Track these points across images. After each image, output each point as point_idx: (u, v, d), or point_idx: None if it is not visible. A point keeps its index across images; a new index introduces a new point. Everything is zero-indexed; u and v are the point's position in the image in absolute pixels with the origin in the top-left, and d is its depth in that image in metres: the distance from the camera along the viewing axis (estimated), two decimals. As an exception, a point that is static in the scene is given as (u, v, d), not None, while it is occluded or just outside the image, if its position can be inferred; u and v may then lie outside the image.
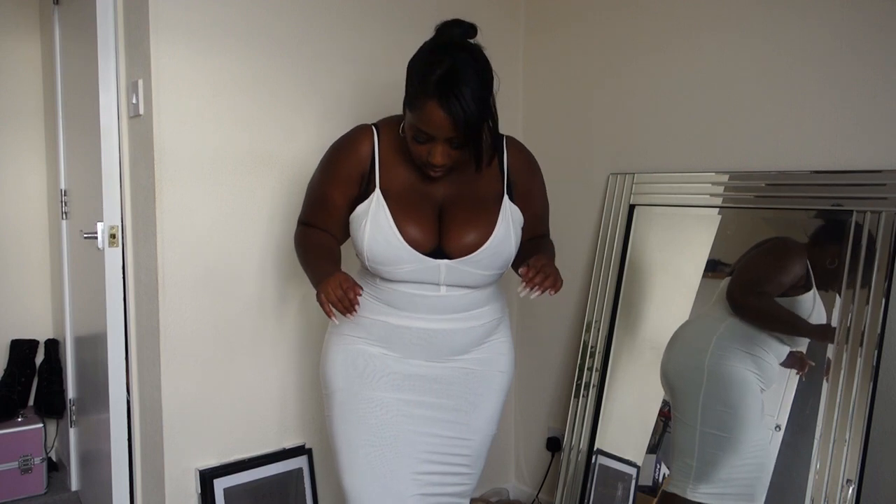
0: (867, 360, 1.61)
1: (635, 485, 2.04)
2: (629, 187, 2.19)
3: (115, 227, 2.02)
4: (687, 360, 1.94)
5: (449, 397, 1.54)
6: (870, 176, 1.67)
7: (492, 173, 1.51)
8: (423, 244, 1.42)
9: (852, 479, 1.59)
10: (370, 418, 1.50)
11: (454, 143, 1.37)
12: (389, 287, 1.48)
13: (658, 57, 2.13)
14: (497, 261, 1.47)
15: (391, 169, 1.47)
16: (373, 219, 1.42)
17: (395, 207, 1.43)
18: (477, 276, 1.47)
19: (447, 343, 1.51)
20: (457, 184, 1.48)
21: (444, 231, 1.44)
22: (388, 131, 1.50)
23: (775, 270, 1.82)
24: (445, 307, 1.48)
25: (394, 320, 1.49)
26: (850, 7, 1.71)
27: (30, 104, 2.87)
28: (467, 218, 1.45)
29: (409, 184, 1.47)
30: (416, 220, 1.43)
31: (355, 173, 1.48)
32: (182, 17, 1.82)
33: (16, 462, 2.55)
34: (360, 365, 1.51)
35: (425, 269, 1.43)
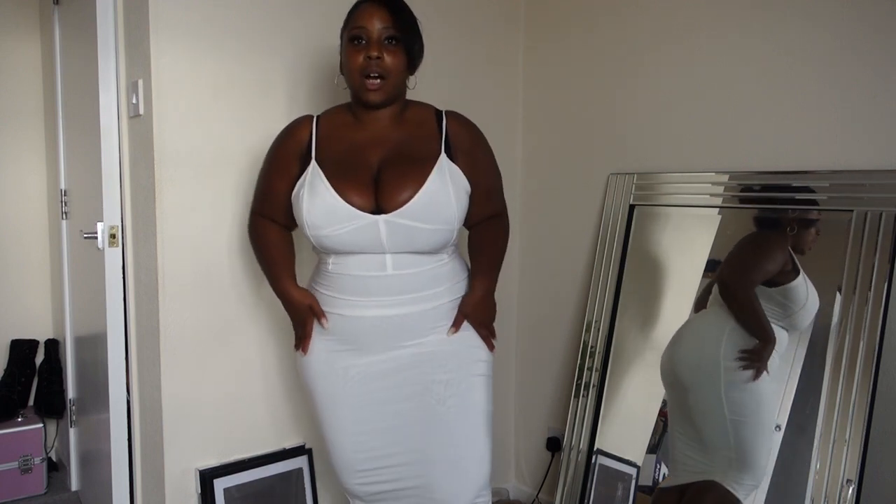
0: (867, 360, 1.61)
1: (635, 485, 2.04)
2: (629, 187, 2.19)
3: (115, 227, 2.02)
4: (700, 354, 1.93)
5: (414, 384, 1.53)
6: (870, 176, 1.67)
7: (428, 136, 1.51)
8: (361, 205, 1.43)
9: (852, 479, 1.59)
10: (340, 422, 1.56)
11: (389, 40, 1.44)
12: (338, 271, 1.49)
13: (658, 57, 2.13)
14: (436, 214, 1.44)
15: (331, 143, 1.51)
16: (309, 186, 1.45)
17: (331, 173, 1.45)
18: (420, 233, 1.44)
19: (401, 328, 1.50)
20: (392, 149, 1.49)
21: (380, 192, 1.44)
22: (330, 113, 1.57)
23: (761, 258, 1.86)
24: (395, 288, 1.47)
25: (347, 311, 1.50)
26: (850, 7, 1.71)
27: (30, 104, 2.87)
28: (401, 175, 1.45)
29: (343, 152, 1.49)
30: (352, 183, 1.44)
31: (293, 157, 1.52)
32: (182, 17, 1.82)
33: (16, 462, 2.55)
34: (326, 369, 1.55)
35: (365, 230, 1.42)
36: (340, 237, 1.44)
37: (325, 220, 1.43)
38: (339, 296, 1.50)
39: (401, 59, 1.46)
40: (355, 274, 1.47)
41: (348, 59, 1.46)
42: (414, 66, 1.53)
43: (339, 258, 1.49)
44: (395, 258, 1.46)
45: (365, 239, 1.43)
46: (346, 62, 1.48)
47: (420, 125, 1.53)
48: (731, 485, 1.82)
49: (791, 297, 1.77)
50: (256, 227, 1.65)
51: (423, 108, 1.57)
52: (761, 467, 1.78)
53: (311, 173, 1.47)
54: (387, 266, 1.46)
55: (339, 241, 1.45)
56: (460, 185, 1.48)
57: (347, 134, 1.52)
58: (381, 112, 1.51)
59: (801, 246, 1.78)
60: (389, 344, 1.51)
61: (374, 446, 1.55)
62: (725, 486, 1.83)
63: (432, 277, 1.51)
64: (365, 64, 1.43)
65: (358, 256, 1.46)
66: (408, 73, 1.52)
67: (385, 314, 1.48)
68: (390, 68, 1.44)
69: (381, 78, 1.44)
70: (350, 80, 1.49)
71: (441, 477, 1.53)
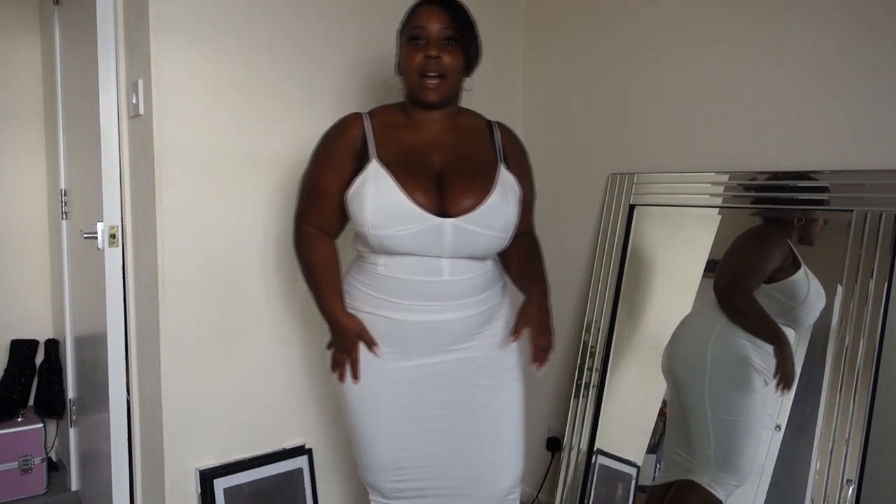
0: (867, 360, 1.61)
1: (635, 485, 2.04)
2: (629, 187, 2.19)
3: (115, 227, 2.02)
4: (690, 349, 1.94)
5: (458, 390, 1.54)
6: (870, 176, 1.67)
7: (486, 144, 1.55)
8: (427, 207, 1.42)
9: (852, 479, 1.59)
10: (381, 424, 1.55)
11: (447, 41, 1.45)
12: (389, 273, 1.47)
13: (658, 57, 2.13)
14: (499, 221, 1.47)
15: (386, 142, 1.49)
16: (374, 185, 1.43)
17: (396, 172, 1.44)
18: (482, 239, 1.46)
19: (448, 333, 1.51)
20: (453, 153, 1.50)
21: (445, 195, 1.44)
22: (380, 112, 1.56)
23: (757, 259, 1.84)
24: (448, 293, 1.47)
25: (394, 314, 1.48)
26: (850, 8, 1.71)
27: (30, 104, 2.87)
28: (467, 181, 1.47)
29: (406, 154, 1.48)
30: (418, 184, 1.43)
31: (347, 155, 1.49)
32: (182, 17, 1.82)
33: (16, 462, 2.55)
34: (368, 370, 1.53)
35: (430, 232, 1.42)
36: (404, 238, 1.42)
37: (390, 220, 1.42)
38: (388, 298, 1.48)
39: (458, 59, 1.47)
40: (408, 278, 1.46)
41: (407, 58, 1.47)
42: (471, 68, 1.54)
43: (391, 259, 1.47)
44: (451, 263, 1.46)
45: (427, 241, 1.43)
46: (405, 62, 1.49)
47: (475, 132, 1.56)
48: (711, 485, 1.83)
49: (791, 292, 1.76)
50: (303, 240, 1.59)
51: (475, 116, 1.61)
52: (745, 467, 1.79)
53: (373, 171, 1.44)
54: (443, 271, 1.46)
55: (402, 243, 1.43)
56: (516, 194, 1.52)
57: (403, 134, 1.51)
58: (436, 113, 1.52)
59: (809, 237, 1.76)
60: (436, 348, 1.51)
61: (415, 446, 1.56)
62: (704, 485, 1.84)
63: (480, 283, 1.52)
64: (423, 63, 1.44)
65: (413, 259, 1.45)
66: (464, 74, 1.53)
67: (434, 319, 1.48)
68: (448, 68, 1.45)
69: (439, 77, 1.45)
70: (408, 80, 1.50)
71: (478, 476, 1.57)
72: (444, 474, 1.57)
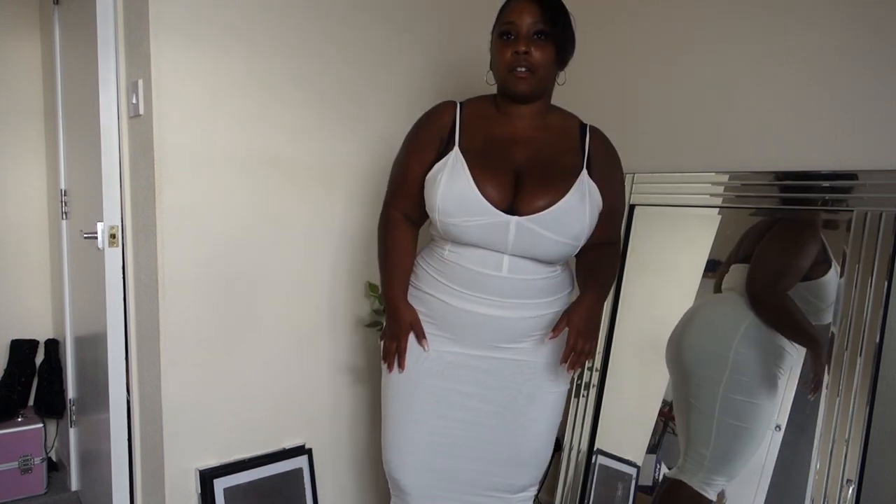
0: (867, 360, 1.61)
1: (635, 485, 2.04)
2: (629, 187, 2.19)
3: (115, 227, 2.02)
4: (709, 347, 1.88)
5: (500, 390, 1.55)
6: (870, 176, 1.67)
7: (573, 147, 1.54)
8: (497, 202, 1.43)
9: (852, 479, 1.59)
10: (421, 403, 1.56)
11: (538, 35, 1.45)
12: (455, 260, 1.50)
13: (658, 57, 2.13)
14: (567, 227, 1.46)
15: (472, 131, 1.51)
16: (449, 171, 1.45)
17: (473, 163, 1.46)
18: (546, 243, 1.45)
19: (500, 330, 1.51)
20: (536, 151, 1.50)
21: (518, 193, 1.45)
22: (473, 102, 1.57)
23: (794, 257, 1.77)
24: (505, 290, 1.48)
25: (453, 301, 1.51)
26: (850, 8, 1.71)
27: (30, 104, 2.87)
28: (543, 181, 1.46)
29: (488, 145, 1.50)
30: (492, 178, 1.44)
31: (434, 139, 1.52)
32: (182, 17, 1.82)
33: (16, 462, 2.55)
34: (417, 347, 1.56)
35: (495, 227, 1.43)
36: (469, 229, 1.45)
37: (458, 209, 1.44)
38: (449, 284, 1.51)
39: (549, 53, 1.46)
40: (470, 268, 1.48)
41: (498, 53, 1.48)
42: (564, 61, 1.54)
43: (457, 247, 1.50)
44: (512, 261, 1.47)
45: (491, 236, 1.45)
46: (495, 57, 1.50)
47: (563, 133, 1.55)
48: (702, 486, 1.82)
49: (821, 293, 1.70)
50: (388, 223, 1.62)
51: (568, 116, 1.60)
52: (739, 470, 1.79)
53: (452, 158, 1.47)
54: (503, 267, 1.47)
55: (466, 233, 1.46)
56: (595, 204, 1.50)
57: (490, 125, 1.52)
58: (526, 108, 1.52)
59: (836, 221, 1.69)
60: (486, 342, 1.53)
61: (445, 433, 1.57)
62: (695, 487, 1.83)
63: (542, 287, 1.52)
64: (513, 59, 1.45)
65: (477, 251, 1.47)
66: (557, 69, 1.53)
67: (489, 313, 1.50)
68: (538, 63, 1.45)
69: (529, 72, 1.45)
70: (498, 75, 1.50)
71: (502, 471, 1.59)
72: (470, 467, 1.59)
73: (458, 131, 1.50)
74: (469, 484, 1.60)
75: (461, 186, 1.44)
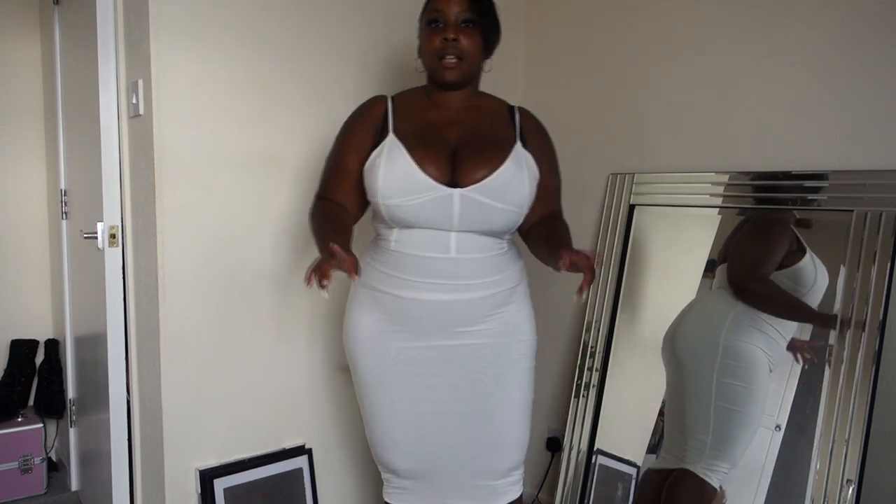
0: (867, 360, 1.61)
1: (635, 485, 2.04)
2: (629, 187, 2.19)
3: (115, 227, 2.02)
4: (700, 336, 1.93)
5: (464, 377, 1.54)
6: (870, 176, 1.67)
7: (504, 123, 1.58)
8: (438, 178, 1.45)
9: (852, 479, 1.59)
10: (389, 402, 1.56)
11: (465, 23, 1.47)
12: (401, 249, 1.49)
13: (658, 57, 2.13)
14: (510, 194, 1.47)
15: (405, 118, 1.53)
16: (387, 155, 1.46)
17: (410, 145, 1.47)
18: (491, 212, 1.46)
19: (456, 315, 1.51)
20: (468, 128, 1.53)
21: (457, 167, 1.46)
22: (404, 93, 1.61)
23: (767, 249, 1.84)
24: (455, 272, 1.48)
25: (404, 292, 1.50)
26: (850, 8, 1.71)
27: (30, 104, 2.87)
28: (480, 153, 1.49)
29: (423, 128, 1.52)
30: (430, 156, 1.46)
31: (369, 130, 1.53)
32: (182, 17, 1.82)
33: (16, 462, 2.55)
34: (377, 347, 1.55)
35: (439, 203, 1.44)
36: (413, 208, 1.44)
37: (401, 189, 1.44)
38: (398, 274, 1.50)
39: (477, 41, 1.49)
40: (417, 254, 1.48)
41: (426, 41, 1.50)
42: (490, 49, 1.56)
43: (402, 234, 1.49)
44: (459, 240, 1.47)
45: (436, 212, 1.45)
46: (424, 45, 1.52)
47: (493, 113, 1.59)
48: (706, 472, 1.83)
49: (800, 278, 1.76)
50: (315, 209, 1.57)
51: (496, 100, 1.63)
52: (738, 454, 1.80)
53: (388, 144, 1.48)
54: (450, 247, 1.47)
55: (411, 213, 1.45)
56: (532, 174, 1.53)
57: (423, 113, 1.55)
58: (456, 94, 1.55)
59: (807, 221, 1.78)
60: (444, 330, 1.52)
61: (422, 426, 1.57)
62: (700, 474, 1.84)
63: (492, 265, 1.52)
64: (441, 46, 1.47)
65: (423, 233, 1.47)
66: (484, 56, 1.55)
67: (442, 299, 1.49)
68: (466, 50, 1.48)
69: (457, 59, 1.48)
70: (427, 62, 1.53)
71: (481, 456, 1.59)
72: (451, 455, 1.59)
73: (391, 119, 1.52)
74: (453, 474, 1.60)
75: (401, 166, 1.45)
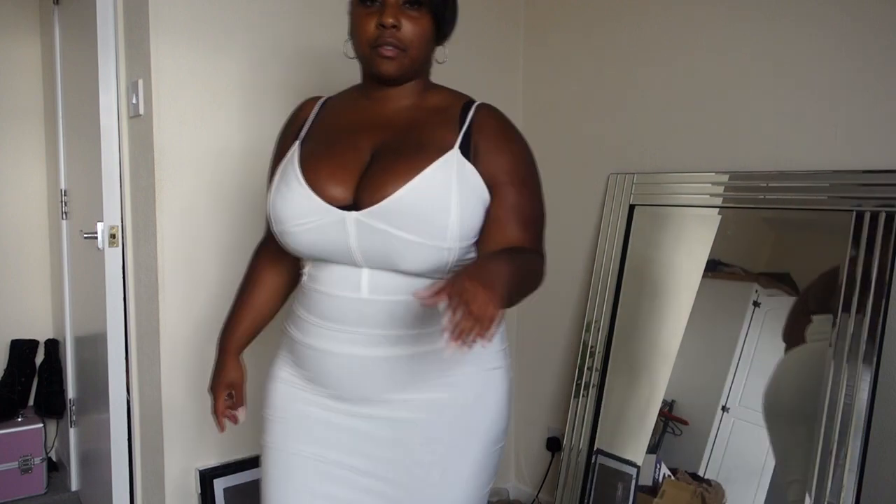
0: (867, 360, 1.61)
1: (635, 485, 2.03)
2: (629, 187, 2.19)
3: (115, 227, 2.02)
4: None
5: (393, 464, 1.14)
6: (870, 176, 1.67)
7: (446, 124, 1.14)
8: (336, 197, 1.09)
9: (853, 479, 1.59)
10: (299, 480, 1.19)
11: (408, 4, 1.10)
12: (312, 285, 1.17)
13: (658, 57, 2.13)
14: (423, 220, 1.05)
15: (324, 123, 1.21)
16: (282, 171, 1.16)
17: (309, 153, 1.15)
18: (397, 244, 1.05)
19: (376, 376, 1.12)
20: (396, 133, 1.14)
21: (362, 182, 1.09)
22: (343, 92, 1.28)
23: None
24: (370, 318, 1.10)
25: (314, 340, 1.16)
26: (850, 8, 1.71)
27: (30, 104, 2.87)
28: (393, 165, 1.08)
29: (335, 135, 1.17)
30: (331, 170, 1.11)
31: (289, 140, 1.23)
32: (182, 18, 1.82)
33: (16, 462, 2.55)
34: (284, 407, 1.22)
35: (330, 229, 1.08)
36: (299, 236, 1.11)
37: (288, 213, 1.11)
38: (309, 317, 1.17)
39: (424, 27, 1.11)
40: (326, 291, 1.13)
41: (358, 22, 1.12)
42: (444, 35, 1.18)
43: (314, 268, 1.17)
44: (372, 276, 1.10)
45: (330, 242, 1.10)
46: (355, 27, 1.13)
47: (439, 112, 1.17)
48: None
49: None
50: (254, 255, 1.38)
51: (451, 94, 1.22)
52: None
53: (289, 156, 1.17)
54: (361, 286, 1.10)
55: (300, 241, 1.12)
56: (471, 192, 1.08)
57: (349, 113, 1.20)
58: (397, 90, 1.17)
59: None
60: (363, 394, 1.14)
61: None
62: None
63: (425, 311, 1.08)
64: (377, 34, 1.09)
65: (334, 268, 1.13)
66: (434, 45, 1.17)
67: (358, 353, 1.11)
68: (410, 39, 1.10)
69: (398, 49, 1.10)
70: (359, 50, 1.15)
71: None
72: None
73: (307, 124, 1.21)
74: None
75: (288, 184, 1.13)
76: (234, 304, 1.36)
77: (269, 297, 1.36)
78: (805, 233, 1.82)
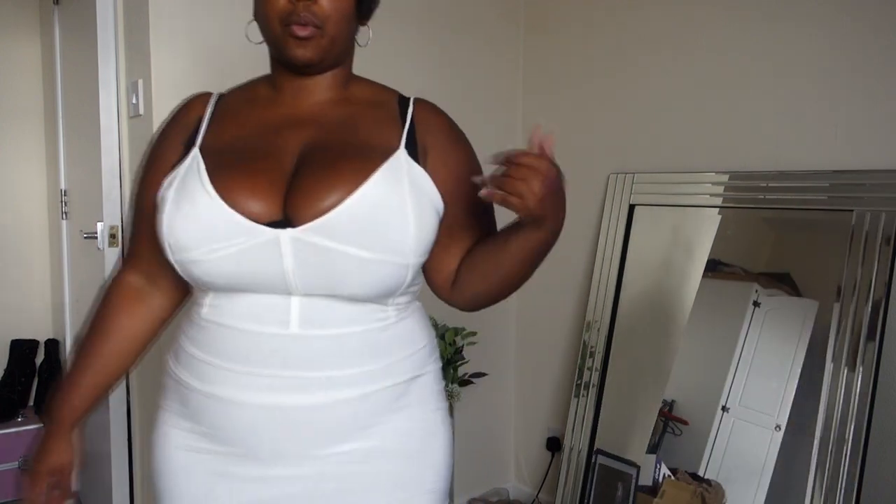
0: (867, 360, 1.61)
1: (635, 485, 2.03)
2: (629, 187, 2.19)
3: (115, 227, 2.02)
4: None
5: None
6: (870, 176, 1.67)
7: (384, 120, 0.99)
8: (259, 213, 0.88)
9: (852, 479, 1.59)
10: None
11: None
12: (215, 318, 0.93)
13: (658, 57, 2.13)
14: (375, 234, 0.88)
15: (227, 124, 0.99)
16: (179, 185, 0.91)
17: (217, 164, 0.92)
18: (345, 263, 0.87)
19: (309, 428, 0.91)
20: (325, 132, 0.96)
21: (292, 192, 0.89)
22: (243, 86, 1.09)
23: None
24: (299, 358, 0.90)
25: (217, 389, 0.92)
26: (849, 8, 1.72)
27: (30, 104, 2.87)
28: (330, 171, 0.90)
29: (248, 136, 0.96)
30: (248, 180, 0.90)
31: (176, 146, 0.98)
32: (182, 18, 1.82)
33: (16, 462, 2.55)
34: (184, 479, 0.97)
35: (259, 252, 0.87)
36: (214, 264, 0.88)
37: (196, 237, 0.88)
38: (209, 359, 0.93)
39: (344, 1, 0.93)
40: (238, 326, 0.91)
41: (267, 8, 0.93)
42: (367, 12, 1.02)
43: (219, 298, 0.93)
44: (304, 306, 0.90)
45: (258, 268, 0.88)
46: (261, 4, 0.95)
47: (371, 106, 1.02)
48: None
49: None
50: (108, 289, 1.06)
51: (379, 87, 1.06)
52: None
53: (185, 166, 0.93)
54: (291, 319, 0.90)
55: (214, 271, 0.89)
56: (425, 198, 0.93)
57: (259, 111, 1.00)
58: (314, 80, 0.99)
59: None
60: (289, 452, 0.92)
61: None
62: None
63: (365, 345, 0.93)
64: (288, 8, 0.91)
65: (250, 298, 0.91)
66: (357, 23, 1.00)
67: (281, 402, 0.90)
68: (328, 14, 0.91)
69: (314, 27, 0.92)
70: (266, 31, 0.97)
71: None
72: None
73: (204, 126, 0.98)
74: None
75: (194, 200, 0.89)
76: (72, 359, 1.04)
77: (121, 349, 1.05)
78: (805, 233, 1.82)
